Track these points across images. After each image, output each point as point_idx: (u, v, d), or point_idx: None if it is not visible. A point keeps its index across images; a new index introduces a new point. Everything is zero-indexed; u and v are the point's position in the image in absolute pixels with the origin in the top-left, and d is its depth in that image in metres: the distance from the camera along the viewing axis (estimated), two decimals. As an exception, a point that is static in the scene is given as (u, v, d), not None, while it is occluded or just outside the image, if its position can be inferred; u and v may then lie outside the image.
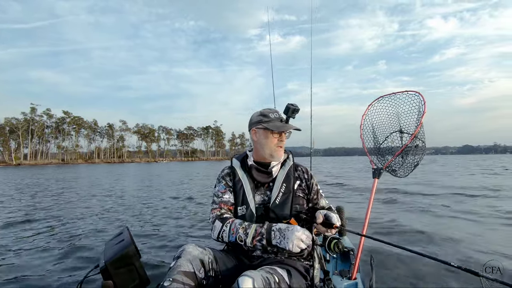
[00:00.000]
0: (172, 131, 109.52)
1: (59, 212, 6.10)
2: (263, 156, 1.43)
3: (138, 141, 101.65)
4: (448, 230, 3.85)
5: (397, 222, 4.34)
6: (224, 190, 1.44)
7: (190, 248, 1.20)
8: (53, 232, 4.37)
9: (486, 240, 3.36)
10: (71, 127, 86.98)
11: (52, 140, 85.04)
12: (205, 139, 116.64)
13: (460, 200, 6.57)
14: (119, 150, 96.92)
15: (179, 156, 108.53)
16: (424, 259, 2.67)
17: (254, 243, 1.25)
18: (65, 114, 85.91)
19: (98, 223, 4.92)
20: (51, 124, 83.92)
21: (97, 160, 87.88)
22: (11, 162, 71.38)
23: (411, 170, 2.04)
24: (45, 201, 7.77)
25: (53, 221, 5.21)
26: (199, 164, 45.26)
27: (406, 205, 5.94)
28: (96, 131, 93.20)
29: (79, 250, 3.38)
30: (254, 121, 1.46)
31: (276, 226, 1.24)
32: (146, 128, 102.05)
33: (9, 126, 74.86)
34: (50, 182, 14.72)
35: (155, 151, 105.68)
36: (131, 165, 57.81)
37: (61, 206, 6.93)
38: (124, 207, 6.52)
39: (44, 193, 9.73)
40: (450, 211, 5.24)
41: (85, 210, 6.29)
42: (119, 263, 1.26)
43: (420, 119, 1.94)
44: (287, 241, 1.18)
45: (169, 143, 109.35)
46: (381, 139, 2.18)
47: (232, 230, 1.29)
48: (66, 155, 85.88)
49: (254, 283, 1.03)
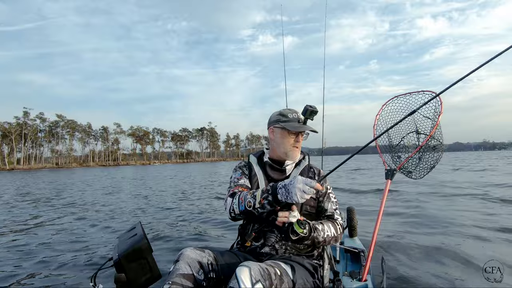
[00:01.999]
0: (167, 133, 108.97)
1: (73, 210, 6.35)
2: (279, 155, 1.46)
3: (133, 143, 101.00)
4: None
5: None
6: (240, 177, 1.48)
7: (188, 251, 1.21)
8: (69, 228, 4.69)
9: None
10: (64, 131, 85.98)
11: (45, 144, 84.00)
12: (200, 141, 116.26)
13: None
14: (114, 153, 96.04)
15: (174, 158, 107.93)
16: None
17: (262, 201, 1.23)
18: (58, 118, 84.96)
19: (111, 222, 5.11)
20: (44, 128, 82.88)
21: (92, 164, 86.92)
22: (4, 166, 70.25)
23: (427, 172, 1.99)
24: (44, 205, 7.64)
25: (69, 219, 5.48)
26: (193, 167, 45.30)
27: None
28: (90, 134, 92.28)
29: (93, 244, 3.61)
30: (272, 120, 1.49)
31: (281, 183, 1.22)
32: (141, 131, 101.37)
33: (1, 130, 73.68)
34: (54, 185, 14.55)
35: (150, 154, 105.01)
36: (126, 168, 57.62)
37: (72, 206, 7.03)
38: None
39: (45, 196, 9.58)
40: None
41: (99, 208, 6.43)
42: (132, 257, 1.29)
43: (436, 119, 1.90)
44: (292, 195, 1.15)
45: (164, 145, 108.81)
46: (396, 139, 2.13)
47: (241, 199, 1.30)
48: (60, 159, 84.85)
49: (251, 271, 1.04)
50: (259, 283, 1.04)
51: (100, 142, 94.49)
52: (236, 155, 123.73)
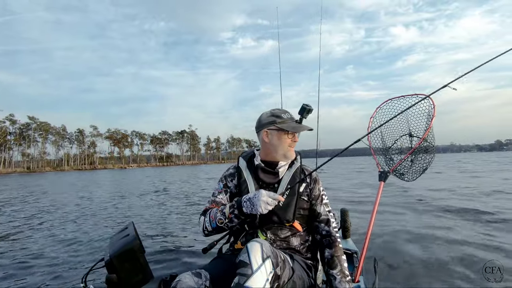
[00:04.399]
0: (146, 136, 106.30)
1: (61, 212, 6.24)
2: (275, 157, 1.42)
3: (110, 146, 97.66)
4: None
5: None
6: (221, 190, 1.47)
7: (187, 278, 1.16)
8: (60, 227, 4.69)
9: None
10: (37, 133, 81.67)
11: (15, 147, 79.27)
12: (180, 144, 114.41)
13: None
14: (90, 157, 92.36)
15: (154, 161, 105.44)
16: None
17: (229, 216, 1.28)
18: (30, 120, 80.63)
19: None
20: (14, 131, 78.31)
21: (67, 168, 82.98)
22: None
23: (419, 174, 2.02)
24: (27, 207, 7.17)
25: (58, 218, 5.55)
26: (173, 170, 44.79)
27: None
28: (65, 137, 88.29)
29: (84, 244, 3.59)
30: (265, 122, 1.42)
31: (246, 197, 1.27)
32: (119, 133, 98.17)
33: (-35, 132, 68.97)
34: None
35: (128, 157, 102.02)
36: (102, 172, 55.82)
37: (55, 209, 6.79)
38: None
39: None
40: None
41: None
42: (124, 257, 1.27)
43: (429, 123, 1.93)
44: (256, 207, 1.20)
45: (143, 148, 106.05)
46: (390, 142, 2.15)
47: (211, 217, 1.33)
48: (32, 163, 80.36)
49: (262, 247, 1.07)
50: (269, 259, 1.06)
51: (76, 145, 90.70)
52: (217, 158, 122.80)
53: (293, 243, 1.36)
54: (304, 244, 1.39)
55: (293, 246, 1.36)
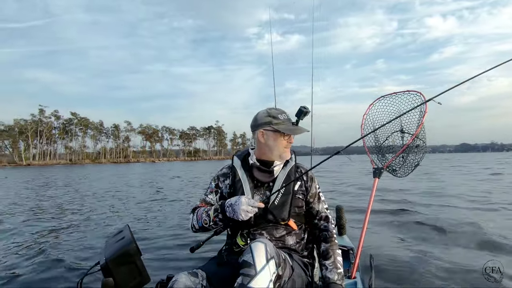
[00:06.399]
0: (175, 131, 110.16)
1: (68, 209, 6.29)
2: (270, 157, 1.41)
3: (142, 141, 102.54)
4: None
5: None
6: (212, 190, 1.49)
7: (183, 278, 1.17)
8: (55, 229, 4.47)
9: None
10: (78, 128, 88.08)
11: (59, 140, 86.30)
12: (207, 139, 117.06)
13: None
14: (124, 150, 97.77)
15: (182, 156, 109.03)
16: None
17: (214, 219, 1.31)
18: (72, 116, 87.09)
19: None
20: (58, 125, 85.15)
21: (104, 160, 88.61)
22: (21, 162, 72.53)
23: (411, 170, 2.03)
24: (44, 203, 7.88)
25: (61, 217, 5.34)
26: (201, 165, 45.57)
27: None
28: (102, 131, 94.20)
29: (79, 247, 3.43)
30: (261, 122, 1.41)
31: (228, 202, 1.28)
32: (150, 129, 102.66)
33: (18, 127, 76.04)
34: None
35: (159, 151, 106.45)
36: (136, 165, 58.39)
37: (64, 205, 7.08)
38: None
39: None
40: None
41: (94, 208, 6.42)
42: (120, 261, 1.26)
43: (421, 119, 1.94)
44: (237, 214, 1.23)
45: (172, 143, 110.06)
46: (382, 138, 2.17)
47: (198, 217, 1.36)
48: (73, 155, 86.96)
49: (266, 247, 1.07)
50: (273, 259, 1.07)
51: (112, 139, 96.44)
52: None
53: (288, 242, 1.37)
54: (300, 242, 1.40)
55: (289, 245, 1.36)
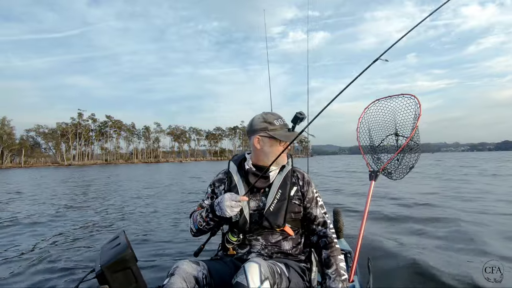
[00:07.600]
0: (202, 132, 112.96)
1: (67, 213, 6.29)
2: (266, 163, 1.38)
3: (171, 142, 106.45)
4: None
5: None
6: (208, 195, 1.51)
7: (184, 265, 1.17)
8: (56, 233, 4.40)
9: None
10: (112, 130, 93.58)
11: (96, 142, 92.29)
12: (233, 139, 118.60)
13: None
14: (154, 151, 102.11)
15: (209, 156, 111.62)
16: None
17: (206, 220, 1.36)
18: (107, 118, 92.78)
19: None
20: (95, 128, 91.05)
21: (136, 160, 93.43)
22: (63, 162, 78.77)
23: (406, 173, 2.02)
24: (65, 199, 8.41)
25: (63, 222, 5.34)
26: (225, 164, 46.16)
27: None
28: (134, 133, 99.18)
29: (74, 254, 3.37)
30: (257, 127, 1.38)
31: (216, 201, 1.32)
32: (178, 130, 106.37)
33: (60, 130, 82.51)
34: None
35: (186, 151, 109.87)
36: (165, 165, 60.57)
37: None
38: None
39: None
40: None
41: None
42: (116, 267, 1.25)
43: (415, 122, 1.93)
44: (223, 211, 1.26)
45: (199, 143, 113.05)
46: (377, 142, 2.18)
47: (194, 220, 1.42)
48: (108, 155, 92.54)
49: (260, 268, 1.06)
50: (267, 281, 1.05)
51: (143, 140, 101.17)
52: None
53: (284, 247, 1.35)
54: (296, 247, 1.38)
55: (285, 250, 1.35)
